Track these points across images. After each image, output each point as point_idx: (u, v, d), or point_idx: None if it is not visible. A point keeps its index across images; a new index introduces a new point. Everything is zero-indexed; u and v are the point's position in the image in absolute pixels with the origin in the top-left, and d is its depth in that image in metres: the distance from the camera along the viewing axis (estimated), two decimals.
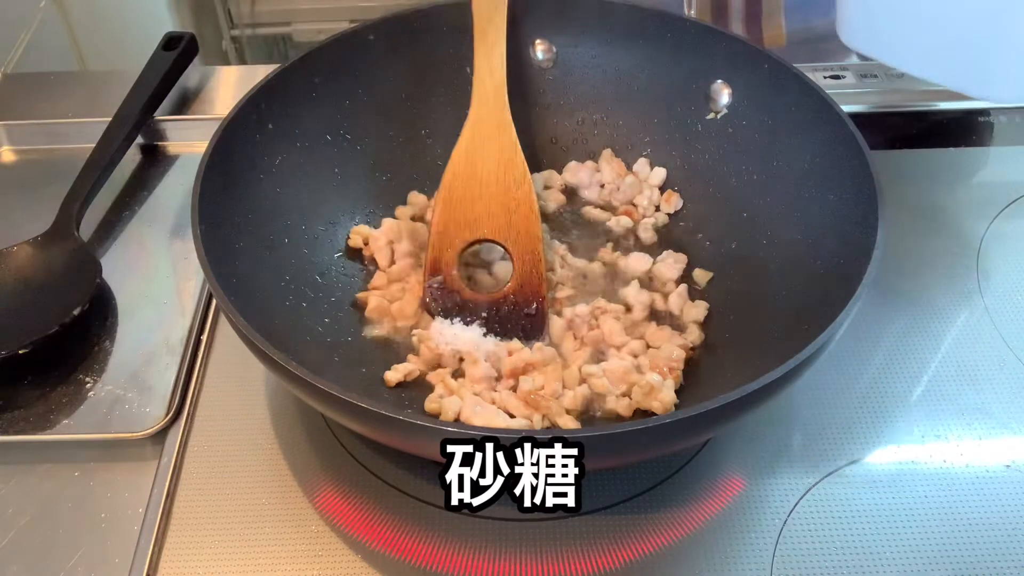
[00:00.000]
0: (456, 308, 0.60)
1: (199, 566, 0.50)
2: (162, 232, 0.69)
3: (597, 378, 0.56)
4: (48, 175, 0.73)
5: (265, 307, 0.54)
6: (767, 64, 0.62)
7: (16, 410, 0.57)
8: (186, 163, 0.75)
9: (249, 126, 0.59)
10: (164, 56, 0.79)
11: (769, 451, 0.55)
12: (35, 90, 0.82)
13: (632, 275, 0.63)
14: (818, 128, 0.58)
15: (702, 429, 0.48)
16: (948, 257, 0.67)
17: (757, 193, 0.63)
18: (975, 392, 0.58)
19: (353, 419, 0.46)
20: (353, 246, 0.64)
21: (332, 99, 0.65)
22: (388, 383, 0.56)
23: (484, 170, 0.61)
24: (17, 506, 0.53)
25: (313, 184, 0.63)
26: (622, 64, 0.69)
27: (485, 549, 0.51)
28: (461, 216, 0.61)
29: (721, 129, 0.66)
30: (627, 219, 0.67)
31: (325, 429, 0.56)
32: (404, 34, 0.67)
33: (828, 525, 0.52)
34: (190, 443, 0.56)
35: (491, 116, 0.63)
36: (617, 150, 0.70)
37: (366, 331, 0.60)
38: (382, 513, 0.52)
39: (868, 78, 0.79)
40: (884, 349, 0.61)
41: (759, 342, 0.56)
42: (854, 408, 0.57)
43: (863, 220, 0.52)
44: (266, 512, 0.53)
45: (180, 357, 0.60)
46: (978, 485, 0.53)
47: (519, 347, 0.57)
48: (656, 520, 0.52)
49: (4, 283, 0.62)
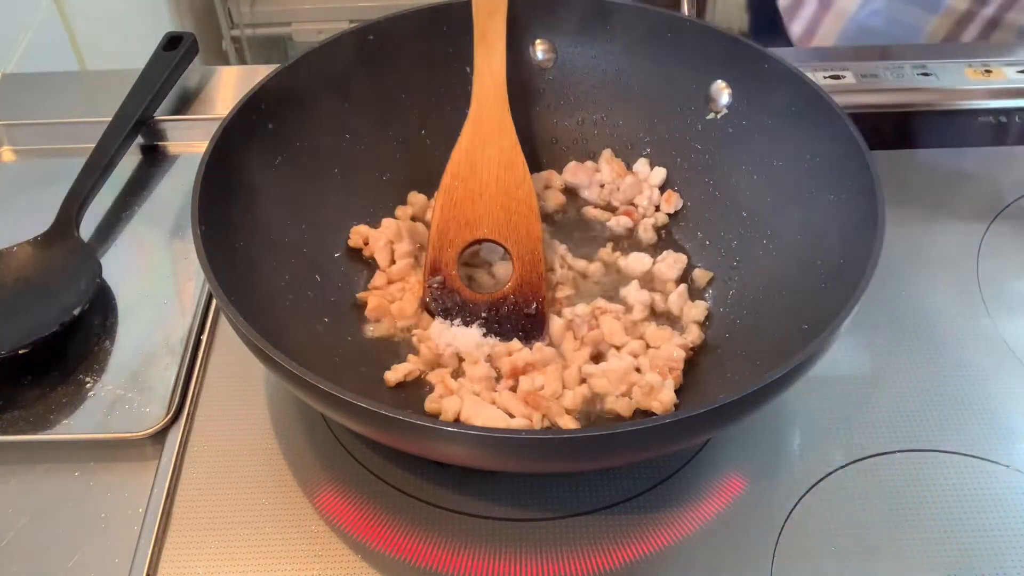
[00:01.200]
0: (456, 308, 0.60)
1: (199, 566, 0.50)
2: (162, 232, 0.69)
3: (597, 378, 0.56)
4: (48, 175, 0.73)
5: (265, 307, 0.54)
6: (767, 64, 0.62)
7: (16, 410, 0.57)
8: (186, 163, 0.75)
9: (249, 126, 0.59)
10: (164, 56, 0.79)
11: (769, 451, 0.55)
12: (35, 90, 0.82)
13: (632, 275, 0.63)
14: (818, 128, 0.58)
15: (702, 429, 0.48)
16: (948, 257, 0.67)
17: (757, 193, 0.63)
18: (975, 392, 0.58)
19: (353, 419, 0.46)
20: (353, 246, 0.64)
21: (332, 99, 0.65)
22: (388, 383, 0.56)
23: (484, 170, 0.61)
24: (17, 506, 0.53)
25: (313, 184, 0.63)
26: (622, 64, 0.69)
27: (485, 549, 0.51)
28: (461, 216, 0.61)
29: (721, 129, 0.66)
30: (627, 219, 0.67)
31: (325, 429, 0.56)
32: (404, 34, 0.67)
33: (828, 525, 0.52)
34: (190, 443, 0.56)
35: (491, 116, 0.63)
36: (617, 150, 0.70)
37: (366, 331, 0.60)
38: (382, 513, 0.52)
39: (868, 78, 0.80)
40: (884, 349, 0.61)
41: (759, 342, 0.56)
42: (854, 408, 0.57)
43: (863, 220, 0.52)
44: (266, 512, 0.53)
45: (180, 357, 0.60)
46: (978, 485, 0.53)
47: (519, 347, 0.57)
48: (656, 520, 0.52)
49: (4, 283, 0.62)
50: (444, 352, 0.58)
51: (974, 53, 0.83)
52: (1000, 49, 0.85)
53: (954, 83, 0.79)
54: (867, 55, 0.84)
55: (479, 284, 0.62)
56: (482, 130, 0.63)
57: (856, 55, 0.84)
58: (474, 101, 0.64)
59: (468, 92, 0.64)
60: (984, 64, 0.81)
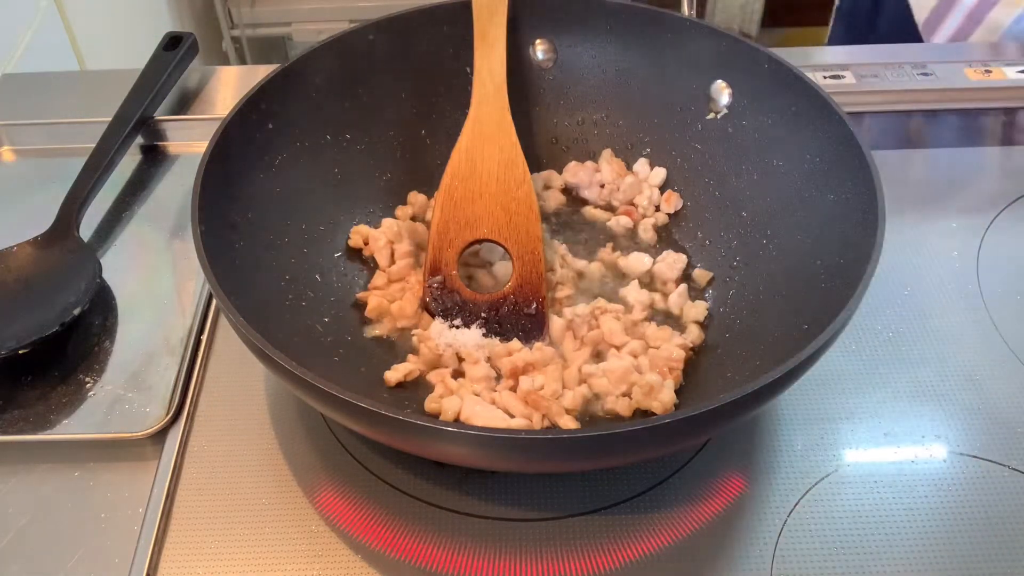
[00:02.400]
0: (456, 308, 0.60)
1: (199, 566, 0.50)
2: (162, 232, 0.69)
3: (597, 378, 0.56)
4: (48, 175, 0.73)
5: (265, 307, 0.54)
6: (767, 64, 0.62)
7: (16, 410, 0.57)
8: (186, 163, 0.75)
9: (249, 126, 0.59)
10: (164, 56, 0.79)
11: (769, 451, 0.55)
12: (35, 90, 0.82)
13: (632, 275, 0.63)
14: (818, 128, 0.58)
15: (702, 429, 0.48)
16: (948, 257, 0.67)
17: (757, 193, 0.63)
18: (975, 392, 0.58)
19: (353, 419, 0.46)
20: (353, 246, 0.64)
21: (332, 99, 0.65)
22: (388, 383, 0.56)
23: (484, 170, 0.62)
24: (17, 506, 0.53)
25: (313, 184, 0.63)
26: (622, 64, 0.69)
27: (485, 549, 0.51)
28: (461, 216, 0.61)
29: (721, 129, 0.66)
30: (627, 219, 0.67)
31: (325, 429, 0.56)
32: (404, 34, 0.67)
33: (828, 525, 0.52)
34: (190, 443, 0.56)
35: (491, 116, 0.63)
36: (617, 150, 0.70)
37: (366, 331, 0.60)
38: (382, 513, 0.52)
39: (868, 78, 0.80)
40: (884, 349, 0.61)
41: (759, 342, 0.56)
42: (854, 408, 0.57)
43: (863, 220, 0.52)
44: (266, 512, 0.53)
45: (180, 357, 0.60)
46: (978, 485, 0.53)
47: (519, 347, 0.57)
48: (656, 520, 0.52)
49: (4, 283, 0.62)
50: (444, 352, 0.58)
51: (974, 53, 0.83)
52: (1000, 49, 0.85)
53: (954, 83, 0.79)
54: (867, 55, 0.84)
55: (479, 284, 0.62)
56: (482, 129, 0.63)
57: (856, 55, 0.84)
58: (474, 101, 0.64)
59: (468, 92, 0.64)
60: (984, 64, 0.81)
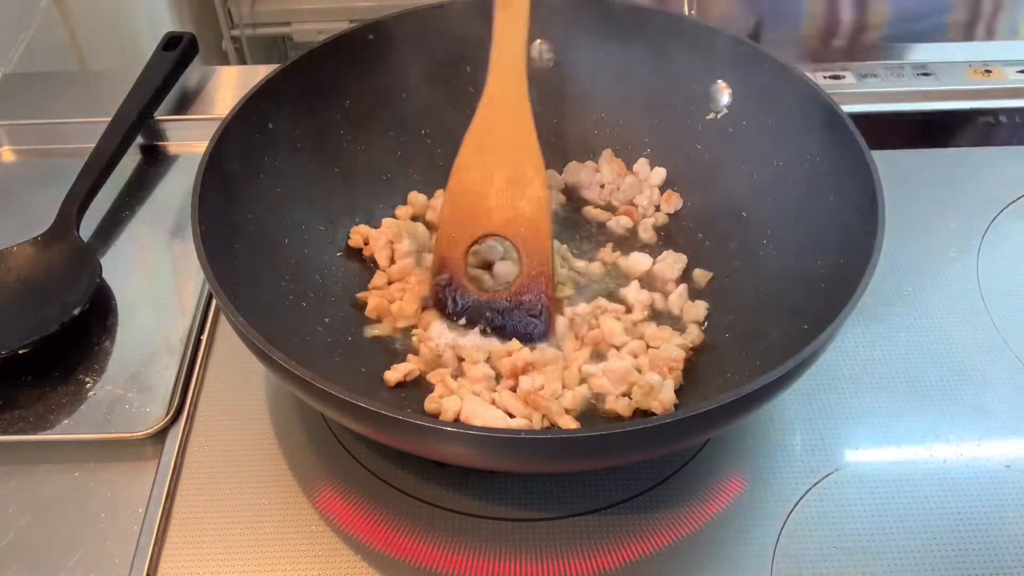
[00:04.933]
0: (463, 305, 0.60)
1: (199, 566, 0.50)
2: (162, 232, 0.69)
3: (597, 378, 0.56)
4: (48, 175, 0.73)
5: (265, 307, 0.54)
6: (767, 64, 0.62)
7: (16, 410, 0.57)
8: (186, 163, 0.75)
9: (249, 126, 0.59)
10: (164, 56, 0.79)
11: (769, 451, 0.55)
12: (35, 90, 0.82)
13: (632, 275, 0.63)
14: (818, 128, 0.58)
15: (702, 429, 0.48)
16: (948, 257, 0.67)
17: (757, 193, 0.63)
18: (975, 392, 0.58)
19: (353, 419, 0.46)
20: (353, 246, 0.64)
21: (332, 99, 0.65)
22: (388, 383, 0.56)
23: (495, 160, 0.59)
24: (17, 506, 0.53)
25: (313, 184, 0.63)
26: (622, 64, 0.69)
27: (485, 549, 0.51)
28: (470, 209, 0.59)
29: (721, 129, 0.66)
30: (627, 219, 0.67)
31: (325, 429, 0.56)
32: (404, 34, 0.67)
33: (828, 525, 0.52)
34: (190, 443, 0.56)
35: (506, 98, 0.58)
36: (617, 150, 0.70)
37: (366, 331, 0.60)
38: (382, 513, 0.52)
39: (868, 78, 0.80)
40: (884, 349, 0.61)
41: (759, 342, 0.56)
42: (854, 408, 0.57)
43: (863, 220, 0.52)
44: (266, 512, 0.53)
45: (180, 357, 0.60)
46: (978, 485, 0.53)
47: (519, 347, 0.57)
48: (656, 520, 0.52)
49: (4, 283, 0.62)
50: (444, 352, 0.58)
51: (974, 53, 0.83)
52: (1000, 49, 0.85)
53: (954, 83, 0.79)
54: (867, 55, 0.84)
55: (479, 283, 0.62)
56: (497, 112, 0.59)
57: (856, 55, 0.84)
58: (490, 78, 0.59)
59: (468, 92, 0.64)
60: (984, 64, 0.81)
